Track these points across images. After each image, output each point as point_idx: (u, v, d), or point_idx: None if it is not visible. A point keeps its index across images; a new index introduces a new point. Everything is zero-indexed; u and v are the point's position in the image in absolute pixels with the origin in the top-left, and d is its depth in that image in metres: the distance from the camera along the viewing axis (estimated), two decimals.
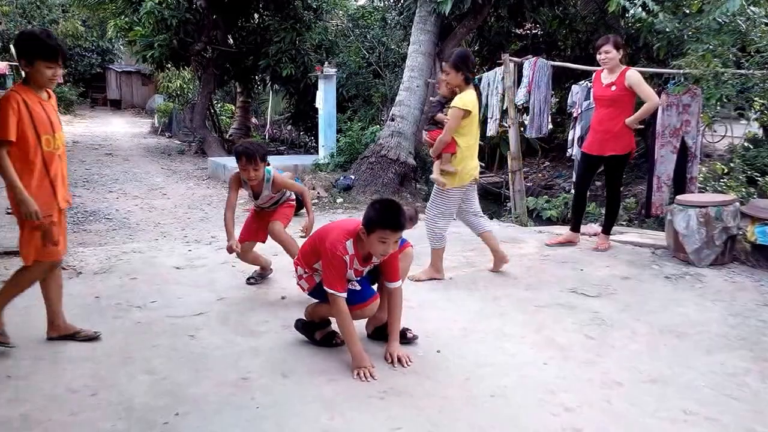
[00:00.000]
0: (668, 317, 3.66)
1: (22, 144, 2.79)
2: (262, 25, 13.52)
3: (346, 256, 2.87)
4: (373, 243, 2.81)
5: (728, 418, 2.54)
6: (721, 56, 5.19)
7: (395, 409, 2.55)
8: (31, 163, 2.84)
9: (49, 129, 2.88)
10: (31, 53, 2.78)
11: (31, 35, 2.82)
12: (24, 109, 2.78)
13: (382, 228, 2.77)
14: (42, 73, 2.81)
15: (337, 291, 2.85)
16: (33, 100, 2.84)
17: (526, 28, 12.02)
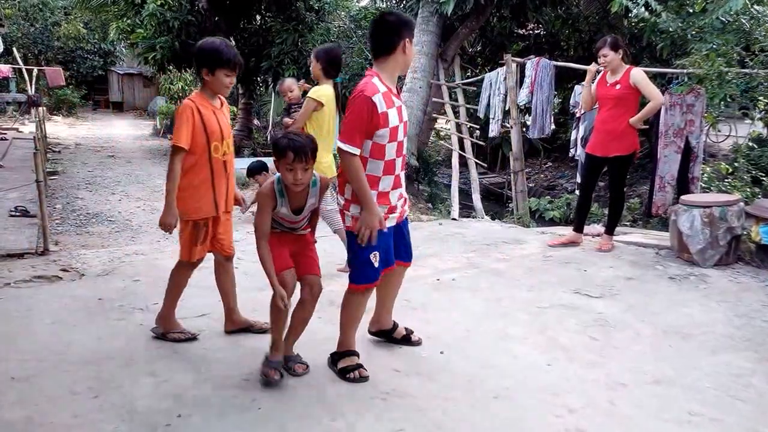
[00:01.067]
0: (672, 318, 3.64)
1: (193, 150, 2.96)
2: (264, 26, 13.52)
3: (377, 96, 2.60)
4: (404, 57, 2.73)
5: (733, 419, 2.53)
6: (725, 55, 5.16)
7: (398, 410, 2.55)
8: (199, 169, 3.01)
9: (218, 136, 3.02)
10: (214, 63, 2.93)
11: (214, 47, 2.94)
12: (197, 117, 2.94)
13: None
14: (221, 81, 2.96)
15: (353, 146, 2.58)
16: (207, 107, 2.99)
17: (529, 29, 12.00)
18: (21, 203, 6.19)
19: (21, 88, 18.17)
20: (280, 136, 2.72)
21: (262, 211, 2.75)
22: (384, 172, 2.69)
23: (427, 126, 9.98)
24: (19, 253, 4.71)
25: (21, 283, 4.09)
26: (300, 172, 2.65)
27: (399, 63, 2.73)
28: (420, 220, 7.04)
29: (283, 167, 2.67)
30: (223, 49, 2.94)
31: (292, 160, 2.63)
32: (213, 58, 2.93)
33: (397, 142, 2.69)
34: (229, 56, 2.94)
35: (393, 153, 2.69)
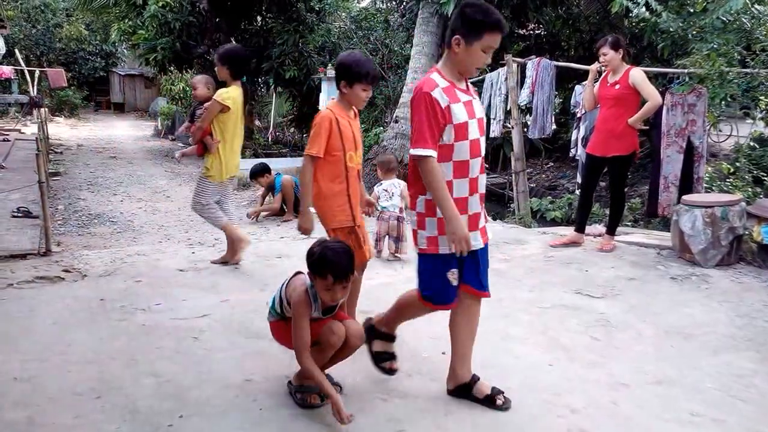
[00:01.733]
0: (674, 318, 3.64)
1: (331, 159, 3.01)
2: (265, 27, 13.53)
3: (436, 90, 2.37)
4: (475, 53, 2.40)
5: (735, 419, 2.53)
6: (726, 55, 5.16)
7: (399, 411, 2.55)
8: (337, 177, 3.04)
9: (352, 146, 3.05)
10: (353, 77, 2.96)
11: (354, 61, 2.98)
12: (335, 127, 2.98)
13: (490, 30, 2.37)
14: (358, 94, 3.00)
15: (426, 148, 2.35)
16: (343, 117, 3.03)
17: (530, 29, 11.99)
18: (23, 204, 6.21)
19: (23, 90, 18.20)
20: (318, 251, 2.43)
21: (300, 321, 2.46)
22: (455, 175, 2.40)
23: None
24: (22, 254, 4.72)
25: (23, 283, 4.09)
26: (339, 292, 2.45)
27: (451, 59, 2.43)
28: None
29: (320, 286, 2.44)
30: (362, 63, 2.97)
31: (332, 282, 2.40)
32: (351, 72, 2.96)
33: (469, 140, 2.40)
34: (367, 70, 2.96)
35: (465, 153, 2.40)
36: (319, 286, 2.44)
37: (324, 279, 2.40)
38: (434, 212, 2.42)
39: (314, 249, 2.45)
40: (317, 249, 2.44)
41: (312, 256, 2.44)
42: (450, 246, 2.38)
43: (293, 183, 6.96)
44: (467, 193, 2.44)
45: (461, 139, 2.39)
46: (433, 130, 2.35)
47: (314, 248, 2.46)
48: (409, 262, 4.88)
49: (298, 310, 2.47)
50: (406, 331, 3.37)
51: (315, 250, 2.44)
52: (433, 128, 2.35)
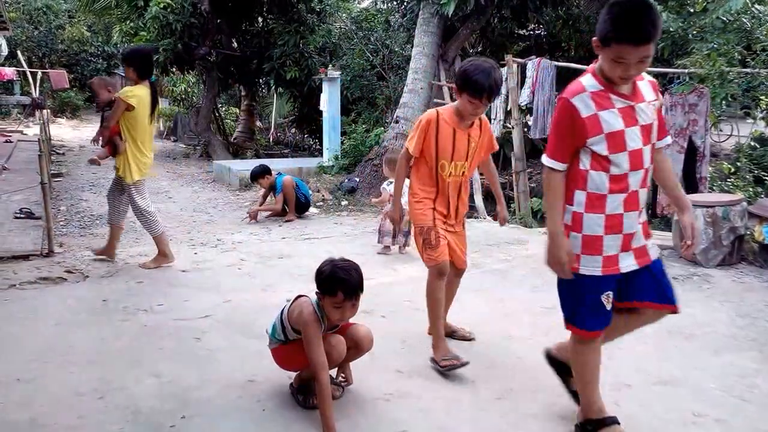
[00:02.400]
0: (676, 318, 3.58)
1: (423, 160, 3.00)
2: (266, 28, 13.54)
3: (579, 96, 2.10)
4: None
5: (738, 419, 2.53)
6: (726, 55, 5.17)
7: (401, 411, 2.55)
8: (427, 183, 3.02)
9: (448, 156, 2.94)
10: (464, 85, 2.80)
11: (474, 69, 2.78)
12: (432, 131, 2.91)
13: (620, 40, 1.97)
14: (465, 105, 2.84)
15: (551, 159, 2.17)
16: (449, 124, 2.91)
17: (530, 29, 11.99)
18: (26, 205, 6.22)
19: (25, 91, 18.24)
20: (328, 269, 2.42)
21: (313, 341, 2.40)
22: (612, 188, 2.11)
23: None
24: (24, 255, 4.73)
25: (26, 284, 4.11)
26: (349, 310, 2.43)
27: (602, 60, 2.08)
28: None
29: (328, 303, 2.41)
30: (479, 74, 2.74)
31: (342, 300, 2.38)
32: (463, 79, 2.80)
33: (628, 151, 2.08)
34: (479, 83, 2.73)
35: (623, 165, 2.09)
36: (328, 304, 2.41)
37: (334, 296, 2.38)
38: (580, 227, 2.16)
39: (324, 267, 2.43)
40: (327, 267, 2.43)
41: (322, 274, 2.42)
42: (592, 267, 2.16)
43: (294, 183, 6.97)
44: (622, 209, 2.13)
45: (617, 150, 2.08)
46: (564, 141, 2.14)
47: (324, 267, 2.44)
48: (412, 261, 4.89)
49: (311, 330, 2.40)
50: (408, 332, 3.39)
51: (324, 269, 2.43)
52: (564, 139, 2.14)
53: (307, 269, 4.59)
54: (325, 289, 2.41)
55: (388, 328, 3.47)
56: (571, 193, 2.17)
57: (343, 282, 2.37)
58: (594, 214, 2.14)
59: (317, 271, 2.46)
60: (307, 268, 4.64)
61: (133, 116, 4.43)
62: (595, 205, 2.13)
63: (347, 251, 5.23)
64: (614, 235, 2.15)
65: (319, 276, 2.44)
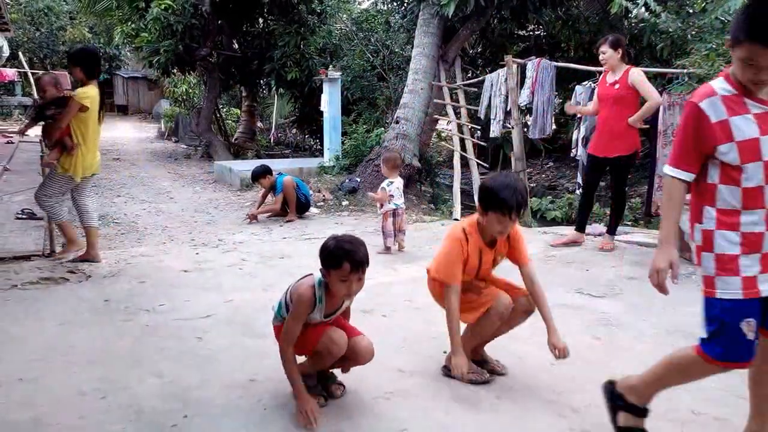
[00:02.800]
0: (675, 317, 3.65)
1: None
2: (267, 29, 13.57)
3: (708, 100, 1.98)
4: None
5: (738, 418, 2.51)
6: (725, 55, 5.18)
7: (401, 410, 2.56)
8: None
9: (472, 274, 2.79)
10: (489, 204, 2.61)
11: (498, 185, 2.60)
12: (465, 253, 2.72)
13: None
14: (493, 225, 2.64)
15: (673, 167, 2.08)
16: (477, 244, 2.74)
17: (529, 30, 12.01)
18: (27, 206, 6.24)
19: (27, 92, 18.28)
20: (332, 243, 2.41)
21: (296, 318, 2.45)
22: (745, 204, 1.93)
23: (429, 127, 10.00)
24: (26, 255, 4.76)
25: (28, 284, 4.12)
26: (355, 284, 2.40)
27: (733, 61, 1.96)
28: (423, 220, 7.06)
29: (335, 278, 2.38)
30: (498, 190, 2.56)
31: (349, 272, 2.35)
32: (487, 198, 2.62)
33: (763, 161, 1.91)
34: (505, 200, 2.54)
35: (757, 177, 1.92)
36: (334, 279, 2.39)
37: (340, 269, 2.34)
38: (711, 246, 1.99)
39: (328, 242, 2.42)
40: (331, 242, 2.42)
41: (326, 249, 2.40)
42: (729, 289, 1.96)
43: (294, 183, 6.99)
44: (763, 227, 1.94)
45: (751, 159, 1.91)
46: (690, 148, 1.99)
47: (328, 242, 2.43)
48: (412, 260, 4.90)
49: (298, 308, 2.44)
50: (407, 332, 3.40)
51: (329, 243, 2.41)
52: (690, 146, 1.99)
53: (308, 269, 4.60)
54: (330, 263, 2.38)
55: (388, 328, 3.48)
56: (700, 209, 2.02)
57: (349, 253, 2.34)
58: (727, 231, 1.96)
59: (322, 247, 2.44)
60: (308, 267, 4.64)
61: (85, 117, 4.49)
62: (727, 222, 1.96)
63: None
64: (752, 254, 1.94)
65: (324, 251, 2.41)
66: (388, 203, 5.15)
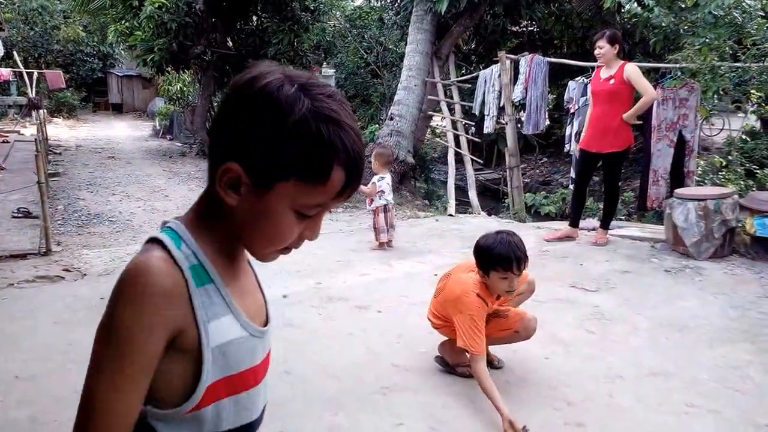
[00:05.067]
0: (669, 311, 3.67)
1: None
2: (261, 27, 13.53)
3: None
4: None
5: (731, 410, 2.55)
6: (718, 49, 5.19)
7: (398, 405, 2.57)
8: None
9: None
10: (486, 265, 2.57)
11: (485, 248, 2.57)
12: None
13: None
14: (496, 284, 2.58)
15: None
16: (489, 305, 2.68)
17: (522, 26, 12.02)
18: (23, 205, 6.23)
19: (22, 92, 18.18)
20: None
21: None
22: None
23: (423, 123, 10.01)
24: (22, 254, 4.75)
25: (24, 283, 4.12)
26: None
27: None
28: (417, 216, 7.08)
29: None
30: (492, 247, 2.53)
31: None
32: (483, 258, 2.58)
33: None
34: (502, 255, 2.50)
35: None
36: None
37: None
38: None
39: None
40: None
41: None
42: None
43: None
44: None
45: None
46: None
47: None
48: (407, 256, 4.92)
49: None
50: (403, 327, 3.42)
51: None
52: None
53: (303, 265, 4.62)
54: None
55: (384, 323, 3.50)
56: None
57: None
58: None
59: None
60: (303, 264, 4.67)
61: None
62: None
63: (342, 247, 5.26)
64: None
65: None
66: (379, 198, 5.15)
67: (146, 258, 0.79)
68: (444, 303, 2.74)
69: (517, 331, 2.79)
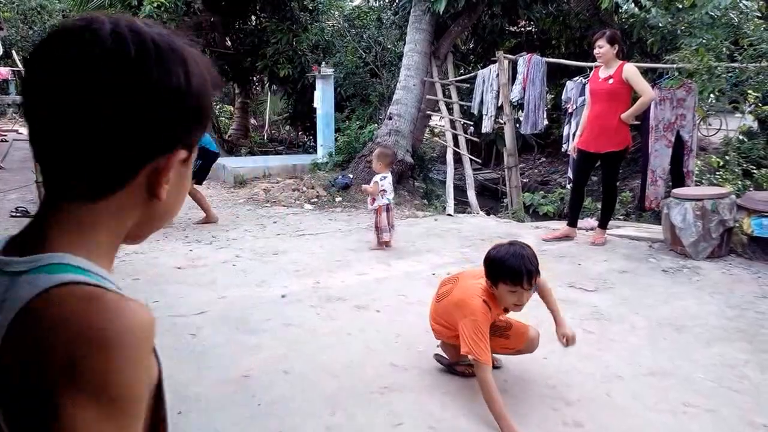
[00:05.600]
0: (667, 310, 3.68)
1: None
2: (259, 26, 13.52)
3: None
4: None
5: (728, 410, 2.55)
6: (715, 50, 5.20)
7: (397, 404, 2.57)
8: None
9: None
10: (496, 277, 2.47)
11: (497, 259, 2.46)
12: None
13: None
14: (505, 297, 2.49)
15: None
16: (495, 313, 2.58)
17: (520, 26, 12.03)
18: (21, 204, 6.21)
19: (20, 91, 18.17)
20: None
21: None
22: None
23: (422, 123, 10.01)
24: None
25: None
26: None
27: None
28: (416, 216, 7.08)
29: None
30: (503, 259, 2.44)
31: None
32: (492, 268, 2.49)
33: None
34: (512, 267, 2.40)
35: None
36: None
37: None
38: None
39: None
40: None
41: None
42: None
43: None
44: None
45: None
46: None
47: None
48: (405, 256, 4.92)
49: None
50: (401, 327, 3.42)
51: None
52: None
53: (302, 265, 4.62)
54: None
55: (383, 323, 3.50)
56: None
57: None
58: None
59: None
60: (302, 263, 4.67)
61: None
62: None
63: (341, 247, 5.26)
64: None
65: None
66: (381, 198, 5.16)
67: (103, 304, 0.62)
68: (447, 306, 2.69)
69: (520, 350, 2.78)
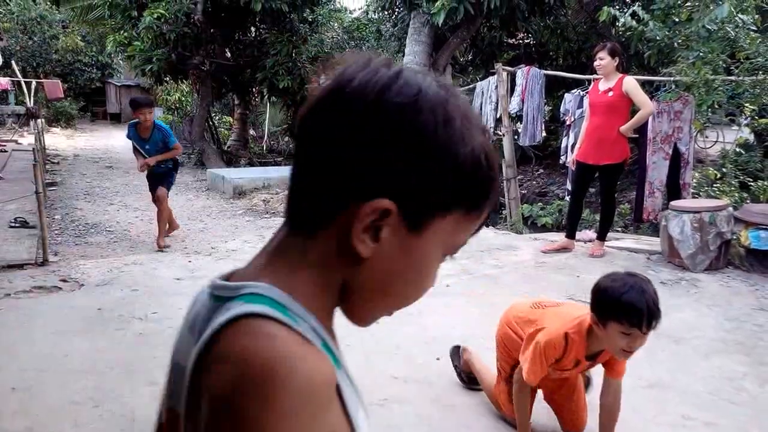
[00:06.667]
0: (665, 322, 3.60)
1: None
2: (259, 38, 13.62)
3: None
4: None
5: (727, 422, 2.56)
6: (711, 63, 5.25)
7: (397, 416, 2.58)
8: None
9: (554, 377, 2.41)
10: (606, 313, 2.03)
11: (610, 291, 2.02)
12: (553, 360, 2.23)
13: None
14: (614, 339, 2.02)
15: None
16: (575, 354, 2.21)
17: (519, 38, 12.12)
18: (20, 214, 6.22)
19: (20, 101, 18.21)
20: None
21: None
22: None
23: None
24: (19, 264, 4.74)
25: (21, 293, 4.11)
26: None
27: None
28: None
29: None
30: (620, 292, 1.98)
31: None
32: (604, 302, 2.03)
33: None
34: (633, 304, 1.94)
35: None
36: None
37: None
38: None
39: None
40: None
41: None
42: None
43: None
44: None
45: None
46: None
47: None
48: None
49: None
50: (401, 336, 3.42)
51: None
52: None
53: None
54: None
55: (382, 333, 3.50)
56: None
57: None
58: None
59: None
60: None
61: None
62: None
63: None
64: None
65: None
66: None
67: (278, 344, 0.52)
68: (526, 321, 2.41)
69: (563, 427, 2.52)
